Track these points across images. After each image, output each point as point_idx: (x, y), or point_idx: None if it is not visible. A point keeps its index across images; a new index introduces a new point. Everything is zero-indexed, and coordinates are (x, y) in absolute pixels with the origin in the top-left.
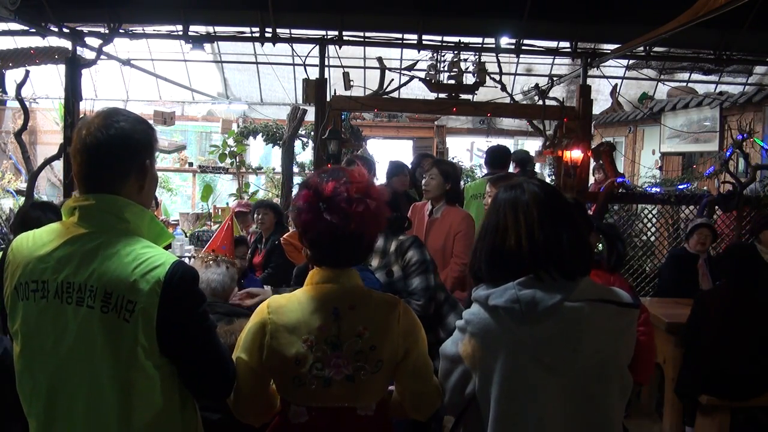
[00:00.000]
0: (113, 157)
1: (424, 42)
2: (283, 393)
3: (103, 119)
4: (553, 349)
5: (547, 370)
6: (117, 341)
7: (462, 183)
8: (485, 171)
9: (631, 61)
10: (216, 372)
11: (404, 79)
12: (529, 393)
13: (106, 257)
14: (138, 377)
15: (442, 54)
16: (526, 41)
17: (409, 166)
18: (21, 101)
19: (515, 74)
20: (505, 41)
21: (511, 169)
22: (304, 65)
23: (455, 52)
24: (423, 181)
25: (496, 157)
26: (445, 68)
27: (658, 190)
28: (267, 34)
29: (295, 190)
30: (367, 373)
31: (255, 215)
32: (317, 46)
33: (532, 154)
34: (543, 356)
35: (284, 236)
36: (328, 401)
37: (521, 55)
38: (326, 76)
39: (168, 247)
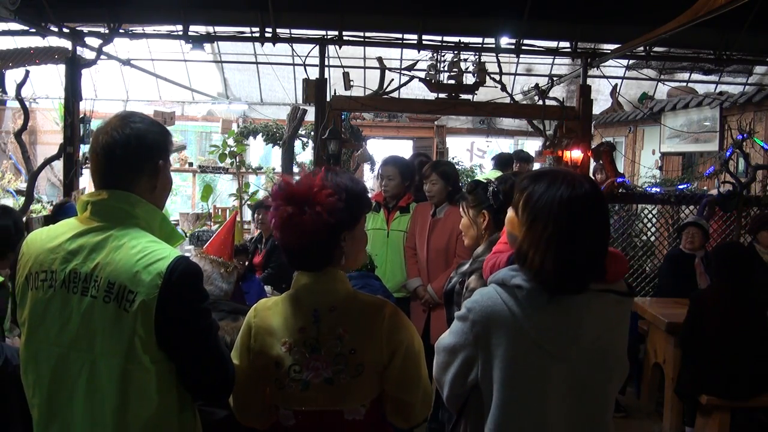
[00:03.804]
0: (127, 156)
1: (424, 42)
2: (271, 396)
3: (120, 120)
4: (554, 335)
5: (548, 356)
6: (116, 332)
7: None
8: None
9: (631, 61)
10: (214, 371)
11: (404, 79)
12: (531, 379)
13: (112, 249)
14: (135, 370)
15: (442, 54)
16: (526, 41)
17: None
18: (21, 101)
19: (515, 74)
20: (505, 41)
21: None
22: (304, 65)
23: (455, 52)
24: (425, 188)
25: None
26: (445, 68)
27: (658, 190)
28: (267, 34)
29: None
30: (347, 377)
31: (255, 215)
32: (317, 46)
33: (532, 154)
34: (544, 342)
35: None
36: (309, 405)
37: (521, 55)
38: (326, 76)
39: None
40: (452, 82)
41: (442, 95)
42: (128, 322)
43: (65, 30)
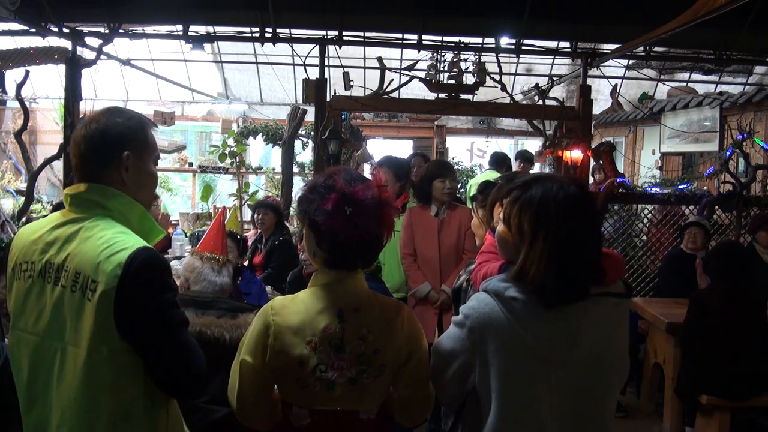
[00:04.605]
0: (91, 150)
1: (424, 42)
2: (285, 395)
3: (94, 115)
4: (553, 341)
5: (546, 363)
6: (81, 321)
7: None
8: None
9: (631, 61)
10: (175, 364)
11: (404, 79)
12: (528, 386)
13: (82, 239)
14: (96, 360)
15: (442, 54)
16: (526, 41)
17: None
18: (21, 101)
19: (515, 74)
20: (505, 41)
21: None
22: (304, 65)
23: (455, 52)
24: (446, 186)
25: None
26: (445, 68)
27: (658, 190)
28: (267, 34)
29: (295, 191)
30: (369, 377)
31: (255, 215)
32: (317, 46)
33: (533, 153)
34: (541, 350)
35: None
36: (331, 404)
37: (521, 55)
38: (326, 76)
39: (168, 245)
40: (452, 82)
41: (442, 95)
42: (90, 312)
43: (65, 30)
